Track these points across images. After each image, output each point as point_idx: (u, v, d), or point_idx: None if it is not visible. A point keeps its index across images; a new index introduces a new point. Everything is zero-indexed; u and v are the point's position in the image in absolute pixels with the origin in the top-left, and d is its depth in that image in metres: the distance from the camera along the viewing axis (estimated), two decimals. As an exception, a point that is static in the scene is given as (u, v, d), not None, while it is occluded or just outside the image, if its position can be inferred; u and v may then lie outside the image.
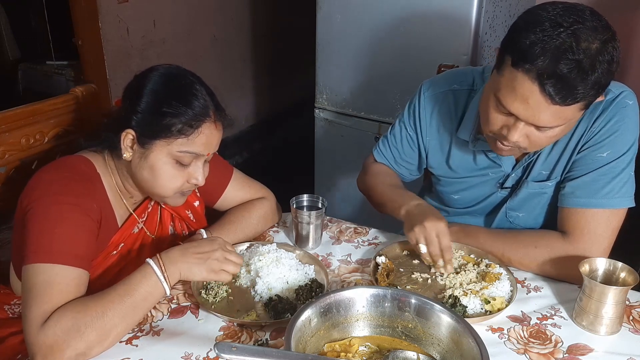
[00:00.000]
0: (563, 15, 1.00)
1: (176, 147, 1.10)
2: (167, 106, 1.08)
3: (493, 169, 1.33)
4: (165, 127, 1.08)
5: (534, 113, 1.04)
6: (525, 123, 1.07)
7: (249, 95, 3.95)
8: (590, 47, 0.98)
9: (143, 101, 1.10)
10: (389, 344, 1.02)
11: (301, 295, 1.14)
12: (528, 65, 1.00)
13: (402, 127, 1.45)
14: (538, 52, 0.99)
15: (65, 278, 0.99)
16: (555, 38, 0.98)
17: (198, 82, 1.13)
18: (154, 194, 1.17)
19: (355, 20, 2.37)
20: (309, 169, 2.80)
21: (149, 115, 1.09)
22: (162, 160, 1.11)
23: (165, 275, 1.01)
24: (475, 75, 1.35)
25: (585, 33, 0.98)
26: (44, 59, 3.59)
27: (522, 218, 1.36)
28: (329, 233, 1.43)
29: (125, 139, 1.11)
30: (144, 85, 1.11)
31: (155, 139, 1.09)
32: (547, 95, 1.00)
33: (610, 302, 1.05)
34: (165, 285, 1.01)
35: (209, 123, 1.12)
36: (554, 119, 1.04)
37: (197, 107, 1.09)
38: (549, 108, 1.02)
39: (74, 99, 1.42)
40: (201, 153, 1.12)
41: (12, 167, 1.30)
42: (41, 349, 0.92)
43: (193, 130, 1.09)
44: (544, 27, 0.99)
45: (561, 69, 0.98)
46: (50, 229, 1.02)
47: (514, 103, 1.05)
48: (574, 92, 0.99)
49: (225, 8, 3.51)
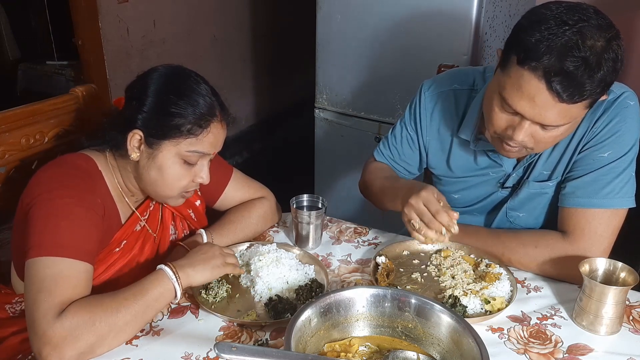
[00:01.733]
0: (567, 14, 1.00)
1: (185, 147, 1.10)
2: (174, 106, 1.08)
3: (494, 168, 1.33)
4: (175, 127, 1.09)
5: (540, 111, 1.04)
6: (530, 122, 1.07)
7: (249, 95, 3.95)
8: (595, 44, 0.98)
9: (149, 101, 1.10)
10: (389, 344, 1.02)
11: (301, 295, 1.14)
12: (534, 63, 1.00)
13: (402, 127, 1.45)
14: (544, 50, 0.99)
15: (76, 272, 1.00)
16: (561, 36, 0.98)
17: (203, 82, 1.14)
18: (158, 194, 1.17)
19: (355, 20, 2.37)
20: (309, 169, 2.80)
21: (156, 115, 1.10)
22: (171, 160, 1.11)
23: (177, 278, 1.04)
24: (476, 75, 1.35)
25: (591, 31, 0.98)
26: (44, 59, 3.59)
27: (523, 218, 1.36)
28: (329, 233, 1.43)
29: (132, 139, 1.11)
30: (149, 85, 1.11)
31: (163, 139, 1.10)
32: (555, 92, 1.00)
33: (610, 302, 1.05)
34: (177, 286, 1.04)
35: (216, 122, 1.13)
36: (560, 117, 1.04)
37: (204, 107, 1.10)
38: (556, 106, 1.02)
39: (74, 99, 1.42)
40: (208, 152, 1.14)
41: (12, 167, 1.30)
42: (53, 340, 0.92)
43: (202, 130, 1.10)
44: (549, 26, 1.00)
45: (568, 66, 0.98)
46: (55, 222, 1.02)
47: (520, 102, 1.05)
48: (581, 89, 0.99)
49: (225, 8, 3.51)
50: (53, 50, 3.53)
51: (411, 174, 1.52)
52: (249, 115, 3.99)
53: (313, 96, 2.62)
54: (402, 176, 1.50)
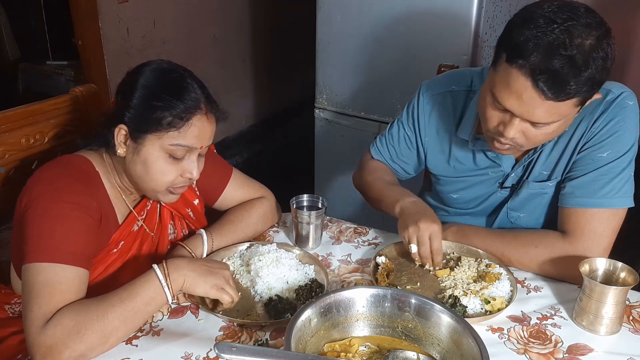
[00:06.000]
0: (557, 12, 1.01)
1: (168, 141, 1.09)
2: (157, 100, 1.08)
3: (493, 168, 1.34)
4: (156, 121, 1.08)
5: (528, 109, 1.05)
6: (520, 119, 1.08)
7: (249, 95, 3.95)
8: (583, 43, 0.99)
9: (135, 96, 1.10)
10: (389, 344, 1.02)
11: (301, 295, 1.14)
12: (521, 61, 1.01)
13: (400, 127, 1.45)
14: (531, 47, 1.00)
15: (65, 278, 0.99)
16: (549, 34, 0.99)
17: (189, 76, 1.13)
18: (147, 189, 1.16)
19: (355, 20, 2.37)
20: (309, 169, 2.80)
21: (140, 109, 1.09)
22: (155, 155, 1.10)
23: (168, 282, 1.02)
24: (474, 76, 1.36)
25: (579, 29, 0.99)
26: (44, 59, 3.59)
27: (524, 219, 1.36)
28: (329, 233, 1.43)
29: (118, 134, 1.11)
30: (136, 80, 1.11)
31: (146, 133, 1.09)
32: (540, 90, 1.01)
33: (610, 302, 1.05)
34: (167, 291, 1.01)
35: (200, 115, 1.11)
36: (549, 114, 1.05)
37: (187, 100, 1.09)
38: (543, 104, 1.03)
39: (73, 99, 1.42)
40: (193, 146, 1.12)
41: (12, 167, 1.30)
42: (40, 349, 0.92)
43: (183, 122, 1.09)
44: (538, 24, 1.00)
45: (554, 64, 0.98)
46: (49, 227, 1.02)
47: (509, 99, 1.06)
48: (567, 87, 1.00)
49: (225, 8, 3.51)
50: (53, 50, 3.52)
51: (407, 174, 1.52)
52: (249, 115, 3.99)
53: (313, 96, 2.62)
54: (399, 176, 1.51)
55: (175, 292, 1.03)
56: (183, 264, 1.05)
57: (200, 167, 1.16)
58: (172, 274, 1.03)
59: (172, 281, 1.02)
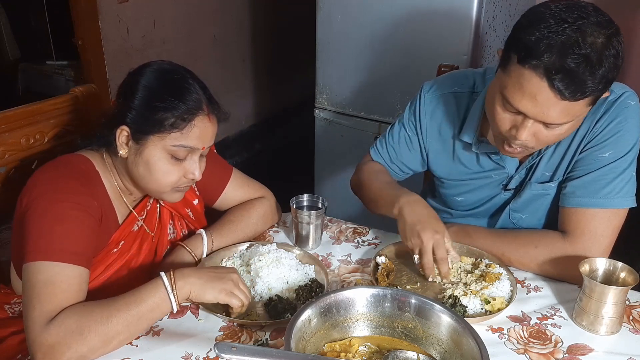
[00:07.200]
0: (567, 12, 1.00)
1: (170, 142, 1.09)
2: (159, 101, 1.08)
3: (497, 170, 1.33)
4: (158, 122, 1.08)
5: (543, 110, 1.04)
6: (534, 121, 1.07)
7: (249, 95, 3.95)
8: (596, 41, 0.98)
9: (136, 97, 1.10)
10: (389, 344, 1.02)
11: (301, 295, 1.14)
12: (535, 62, 1.00)
13: (401, 128, 1.44)
14: (544, 48, 0.99)
15: (66, 276, 0.99)
16: (561, 34, 0.98)
17: (190, 77, 1.13)
18: (150, 190, 1.17)
19: (355, 20, 2.37)
20: (309, 169, 2.80)
21: (142, 110, 1.09)
22: (157, 156, 1.11)
23: (174, 290, 1.01)
24: (477, 77, 1.35)
25: (591, 28, 0.98)
26: (44, 58, 3.59)
27: (526, 219, 1.36)
28: (329, 233, 1.43)
29: (120, 135, 1.11)
30: (137, 81, 1.11)
31: (148, 134, 1.09)
32: (557, 90, 1.00)
33: (610, 302, 1.05)
34: (172, 299, 1.01)
35: (202, 116, 1.11)
36: (563, 115, 1.04)
37: (189, 101, 1.09)
38: (559, 104, 1.02)
39: (73, 99, 1.42)
40: (196, 147, 1.12)
41: (12, 167, 1.30)
42: (42, 348, 0.92)
43: (186, 124, 1.09)
44: (549, 24, 1.00)
45: (569, 63, 0.98)
46: (50, 226, 1.02)
47: (522, 100, 1.05)
48: (583, 86, 0.99)
49: (225, 8, 3.50)
50: (53, 50, 3.53)
51: (405, 175, 1.51)
52: (249, 115, 3.99)
53: (313, 96, 2.62)
54: (396, 176, 1.49)
55: (181, 300, 1.02)
56: (190, 273, 1.04)
57: (202, 168, 1.16)
58: (179, 282, 1.02)
59: (178, 289, 1.02)
